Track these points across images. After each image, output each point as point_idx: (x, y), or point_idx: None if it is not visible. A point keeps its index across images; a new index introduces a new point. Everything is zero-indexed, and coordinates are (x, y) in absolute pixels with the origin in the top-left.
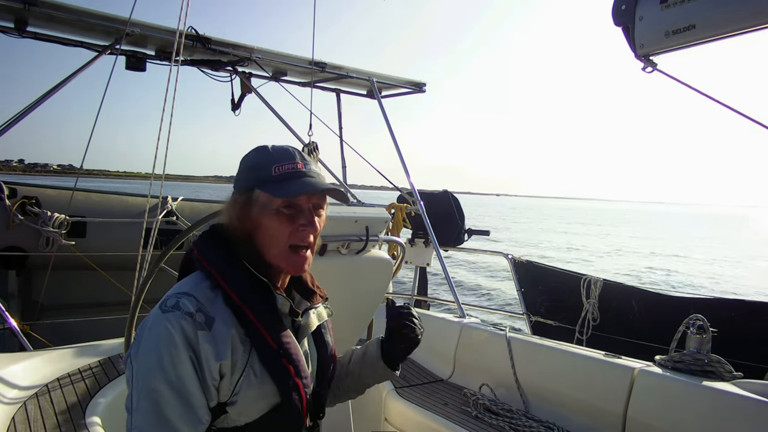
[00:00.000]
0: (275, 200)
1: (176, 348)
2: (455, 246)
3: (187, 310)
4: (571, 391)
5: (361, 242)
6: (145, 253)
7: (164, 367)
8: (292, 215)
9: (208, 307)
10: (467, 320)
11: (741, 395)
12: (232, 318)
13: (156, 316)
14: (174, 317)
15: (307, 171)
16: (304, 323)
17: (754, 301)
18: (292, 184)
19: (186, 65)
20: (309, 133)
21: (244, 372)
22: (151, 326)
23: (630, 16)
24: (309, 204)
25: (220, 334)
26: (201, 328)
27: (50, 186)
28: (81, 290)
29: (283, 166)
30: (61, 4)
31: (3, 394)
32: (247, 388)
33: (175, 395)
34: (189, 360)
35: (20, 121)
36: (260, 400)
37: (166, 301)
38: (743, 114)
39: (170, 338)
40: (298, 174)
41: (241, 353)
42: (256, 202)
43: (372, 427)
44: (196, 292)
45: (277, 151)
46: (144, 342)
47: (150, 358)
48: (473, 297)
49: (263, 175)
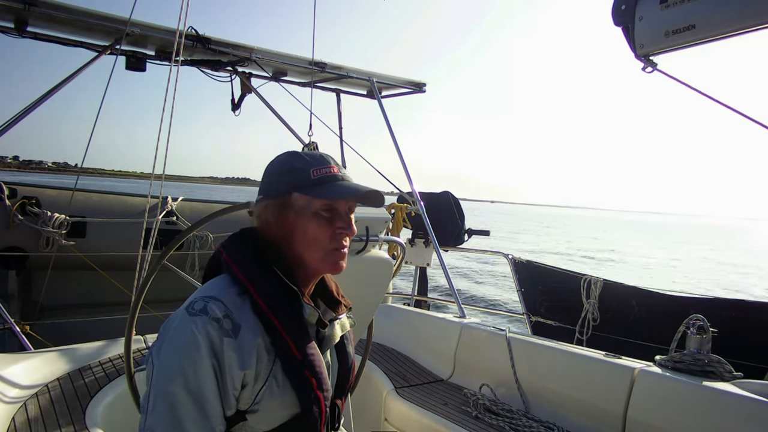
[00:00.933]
0: (314, 203)
1: (199, 354)
2: (455, 246)
3: (215, 316)
4: (571, 391)
5: (361, 242)
6: (145, 253)
7: (185, 372)
8: (330, 218)
9: (235, 314)
10: (467, 320)
11: (741, 395)
12: (258, 326)
13: (183, 317)
14: (201, 321)
15: (343, 175)
16: (328, 334)
17: (754, 301)
18: (332, 187)
19: (186, 65)
20: (309, 133)
21: (267, 381)
22: (177, 327)
23: (630, 16)
24: (346, 207)
25: (246, 342)
26: (227, 335)
27: (50, 186)
28: (81, 290)
29: (320, 169)
30: (61, 4)
31: (3, 394)
32: (269, 397)
33: (192, 402)
34: (211, 367)
35: (20, 121)
36: (281, 409)
37: (194, 304)
38: (743, 114)
39: (195, 343)
40: (336, 177)
41: (265, 362)
42: (294, 205)
43: (372, 427)
44: (224, 297)
45: (312, 156)
46: (167, 342)
47: (172, 360)
48: (473, 297)
49: (301, 178)
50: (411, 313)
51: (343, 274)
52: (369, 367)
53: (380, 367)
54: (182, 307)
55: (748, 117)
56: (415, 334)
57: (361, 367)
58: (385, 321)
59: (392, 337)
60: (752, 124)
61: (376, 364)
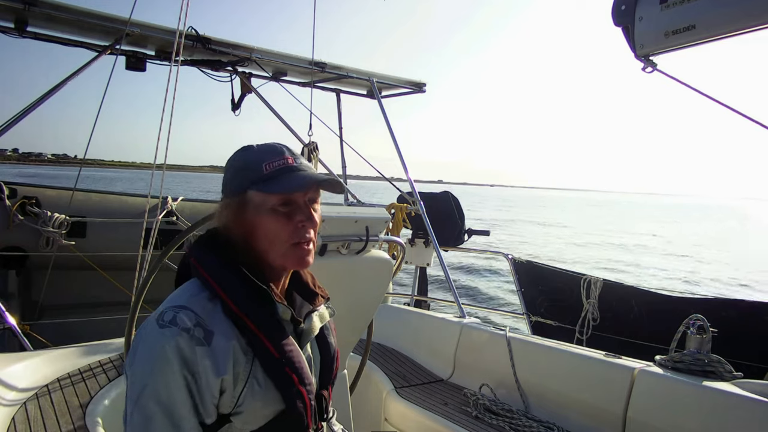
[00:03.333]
0: (270, 199)
1: (170, 367)
2: (455, 246)
3: (184, 326)
4: (571, 391)
5: (361, 242)
6: (145, 253)
7: (156, 387)
8: (289, 213)
9: (206, 321)
10: (467, 320)
11: (741, 395)
12: (232, 329)
13: (152, 329)
14: (171, 333)
15: (299, 165)
16: (306, 328)
17: (754, 301)
18: (285, 179)
19: (186, 65)
20: (309, 133)
21: (248, 382)
22: (146, 340)
23: (630, 16)
24: (304, 199)
25: (219, 349)
26: (200, 344)
27: (50, 186)
28: (81, 290)
29: (273, 163)
30: (61, 4)
31: (3, 394)
32: (251, 398)
33: (164, 416)
34: (183, 380)
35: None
36: (265, 408)
37: (163, 315)
38: (743, 114)
39: (165, 357)
40: (290, 169)
41: (243, 364)
42: (250, 203)
43: (372, 427)
44: (194, 304)
45: (264, 149)
46: (139, 355)
47: (143, 374)
48: (473, 297)
49: (254, 174)
50: (411, 313)
51: (343, 274)
52: (369, 367)
53: (380, 367)
54: (152, 316)
55: (748, 117)
56: (415, 334)
57: (361, 367)
58: (385, 321)
59: (392, 337)
60: (752, 124)
61: (376, 364)
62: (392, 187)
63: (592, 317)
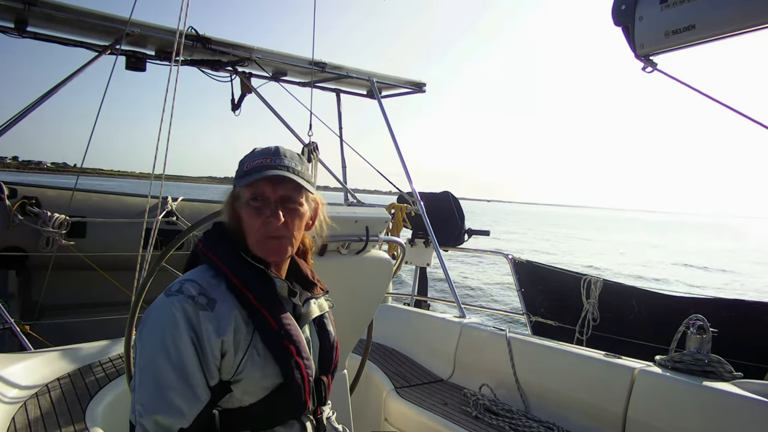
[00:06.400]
0: (244, 193)
1: (178, 329)
2: (455, 246)
3: (189, 294)
4: (571, 391)
5: (361, 242)
6: (145, 253)
7: (166, 347)
8: (258, 207)
9: (210, 291)
10: (467, 320)
11: (741, 395)
12: (234, 301)
13: (161, 300)
14: (177, 300)
15: (275, 164)
16: (304, 311)
17: (754, 301)
18: (252, 174)
19: (186, 65)
20: (309, 133)
21: (248, 351)
22: (156, 309)
23: (630, 16)
24: (275, 196)
25: (221, 314)
26: (203, 309)
27: (50, 186)
28: (81, 290)
29: (253, 161)
30: (61, 4)
31: (3, 394)
32: (251, 367)
33: (175, 373)
34: (190, 340)
35: (20, 121)
36: (264, 379)
37: (171, 287)
38: (743, 114)
39: (173, 320)
40: (263, 167)
41: (244, 333)
42: (237, 198)
43: (372, 427)
44: (199, 278)
45: (258, 150)
46: (149, 323)
47: (154, 338)
48: (473, 297)
49: (239, 171)
50: (411, 313)
51: (343, 274)
52: (369, 367)
53: (380, 367)
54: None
55: (748, 117)
56: (415, 334)
57: (361, 367)
58: (385, 321)
59: (392, 337)
60: (752, 124)
61: (376, 364)
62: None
63: (592, 317)
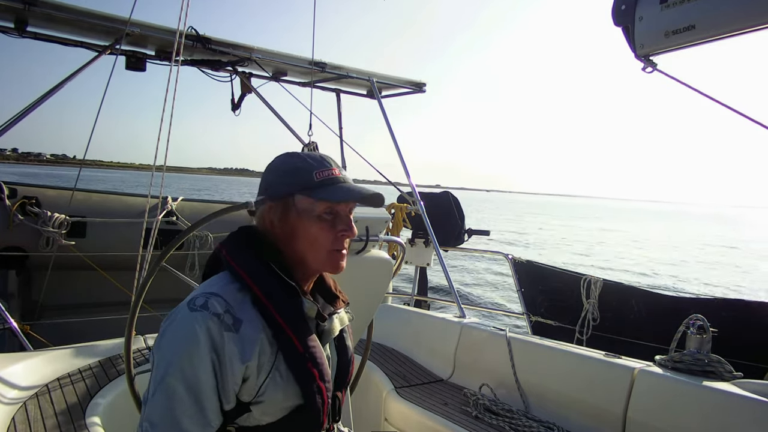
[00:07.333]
0: (318, 206)
1: (199, 348)
2: (455, 246)
3: (216, 311)
4: (571, 391)
5: (361, 242)
6: (145, 253)
7: (183, 366)
8: (332, 221)
9: (236, 309)
10: (467, 320)
11: (741, 395)
12: (260, 320)
13: (183, 313)
14: (202, 317)
15: (344, 177)
16: (328, 328)
17: (754, 301)
18: (335, 189)
19: (186, 65)
20: (309, 133)
21: (270, 373)
22: (179, 322)
23: (630, 16)
24: (347, 209)
25: (247, 336)
26: (228, 330)
27: (50, 186)
28: (81, 290)
29: (323, 172)
30: (61, 4)
31: (3, 394)
32: (273, 389)
33: (189, 395)
34: (210, 362)
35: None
36: (285, 401)
37: (195, 300)
38: (743, 114)
39: (194, 338)
40: (338, 180)
41: (268, 355)
42: (296, 207)
43: (372, 427)
44: (225, 293)
45: (313, 158)
46: (168, 336)
47: (171, 353)
48: (473, 297)
49: (304, 180)
50: (411, 313)
51: (343, 274)
52: (369, 367)
53: (380, 367)
54: (184, 302)
55: (748, 117)
56: (415, 334)
57: (361, 367)
58: (385, 321)
59: (392, 337)
60: (752, 124)
61: (376, 364)
62: (392, 189)
63: (592, 317)
